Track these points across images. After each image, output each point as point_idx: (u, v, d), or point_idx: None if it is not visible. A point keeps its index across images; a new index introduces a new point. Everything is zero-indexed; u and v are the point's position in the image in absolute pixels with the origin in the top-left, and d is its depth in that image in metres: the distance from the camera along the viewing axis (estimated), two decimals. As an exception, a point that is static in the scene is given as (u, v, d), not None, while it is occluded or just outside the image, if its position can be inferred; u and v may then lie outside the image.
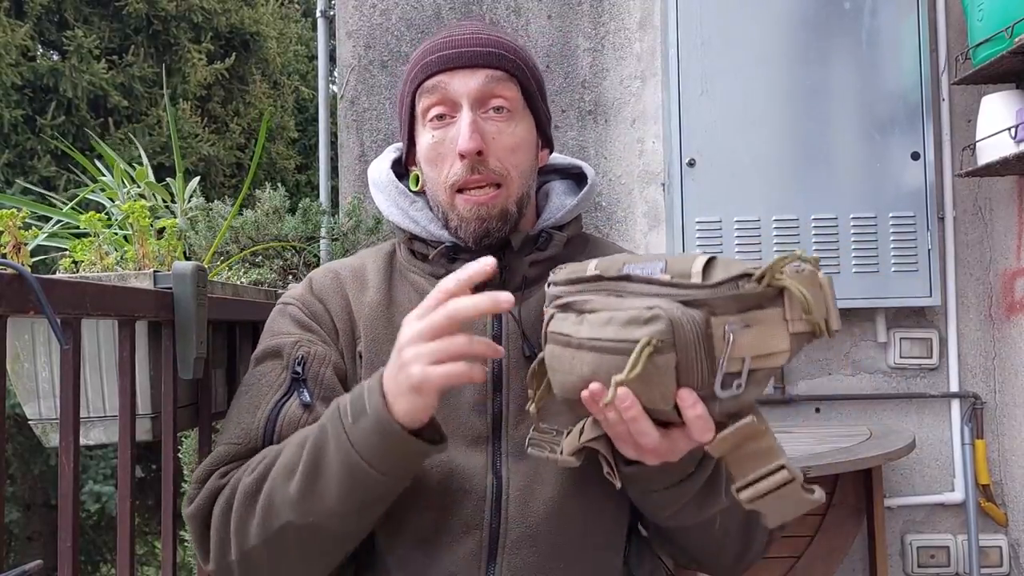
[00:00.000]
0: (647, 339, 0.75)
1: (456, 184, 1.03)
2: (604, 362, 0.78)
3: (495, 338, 1.04)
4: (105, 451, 5.74)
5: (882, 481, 2.50)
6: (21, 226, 1.08)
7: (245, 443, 0.99)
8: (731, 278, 0.77)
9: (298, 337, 1.05)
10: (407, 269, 1.12)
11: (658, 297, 0.78)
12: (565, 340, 0.82)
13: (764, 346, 0.76)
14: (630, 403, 0.77)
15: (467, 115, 1.02)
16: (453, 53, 1.04)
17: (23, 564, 0.86)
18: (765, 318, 0.76)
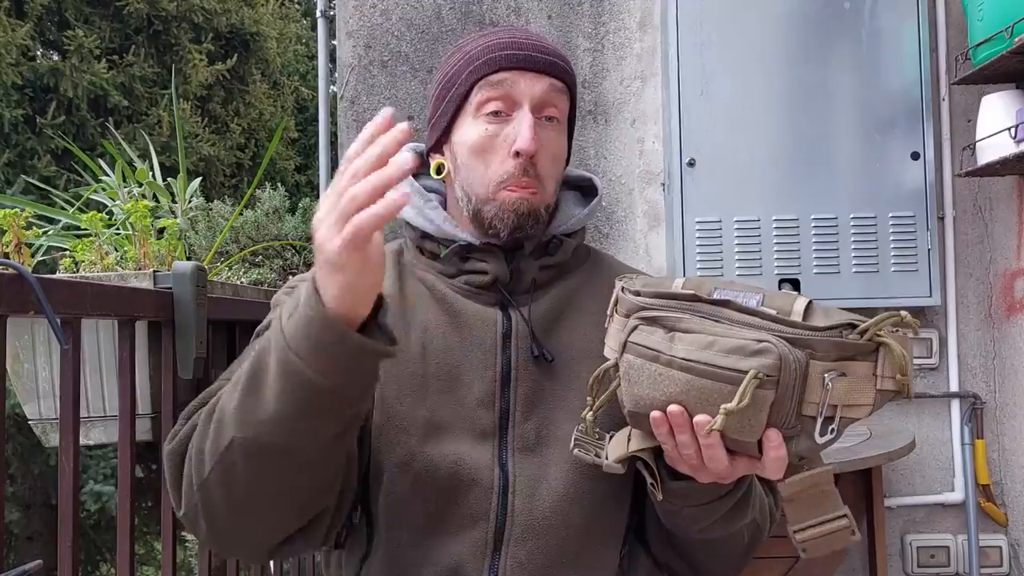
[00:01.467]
0: (755, 371, 0.76)
1: (505, 182, 1.04)
2: (696, 385, 0.79)
3: (504, 337, 1.06)
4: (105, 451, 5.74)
5: (882, 481, 2.50)
6: (23, 226, 1.08)
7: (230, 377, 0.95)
8: (837, 326, 0.80)
9: None
10: (416, 267, 1.13)
11: (762, 330, 0.79)
12: (653, 355, 0.82)
13: (851, 398, 0.79)
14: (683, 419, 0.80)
15: (528, 117, 1.04)
16: (524, 55, 1.06)
17: (23, 564, 0.86)
18: (857, 370, 0.79)
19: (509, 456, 1.02)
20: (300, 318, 0.78)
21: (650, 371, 0.81)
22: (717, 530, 0.98)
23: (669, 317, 0.83)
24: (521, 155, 1.03)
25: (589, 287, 1.13)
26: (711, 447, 0.80)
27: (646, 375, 0.82)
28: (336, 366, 0.78)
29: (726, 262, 2.72)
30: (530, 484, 1.01)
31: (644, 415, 0.83)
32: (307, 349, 0.77)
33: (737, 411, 0.76)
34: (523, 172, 1.04)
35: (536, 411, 1.03)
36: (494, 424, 1.03)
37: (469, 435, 1.02)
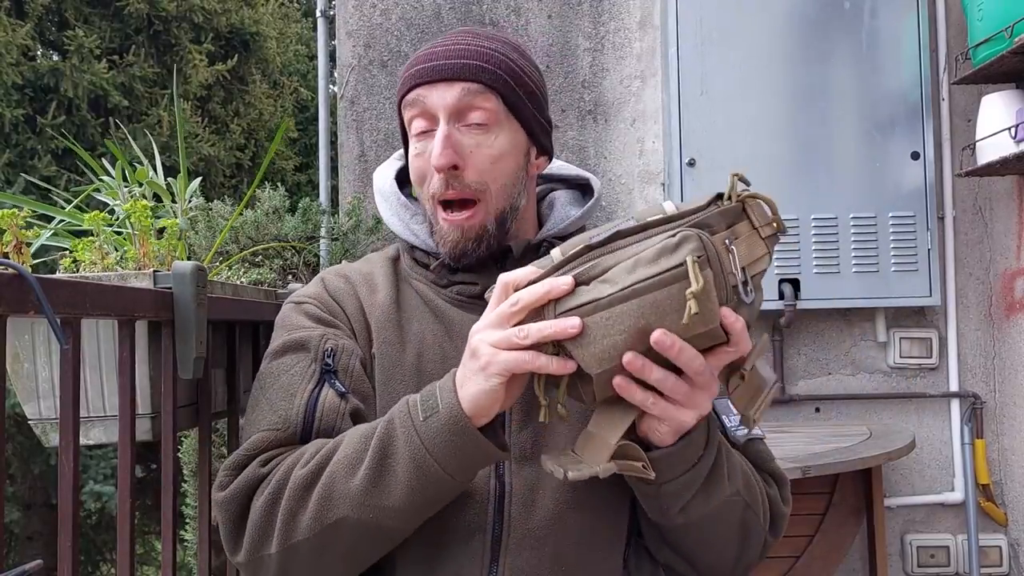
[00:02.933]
0: (694, 257, 0.77)
1: (434, 196, 1.04)
2: (648, 302, 0.78)
3: None
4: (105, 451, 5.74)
5: (882, 481, 2.50)
6: (23, 225, 1.08)
7: (284, 428, 0.97)
8: (712, 200, 0.84)
9: (323, 331, 1.04)
10: (411, 276, 1.13)
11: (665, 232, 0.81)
12: (591, 307, 0.80)
13: (751, 254, 0.84)
14: (671, 340, 0.79)
15: (442, 129, 1.02)
16: (429, 67, 1.04)
17: (23, 564, 0.86)
18: (743, 230, 0.84)
19: (506, 466, 1.01)
20: (442, 426, 0.86)
21: (598, 322, 0.80)
22: (698, 506, 0.95)
23: (580, 272, 0.82)
24: (440, 170, 1.01)
25: None
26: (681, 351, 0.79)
27: (596, 328, 0.80)
28: (471, 466, 0.89)
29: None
30: (527, 493, 1.00)
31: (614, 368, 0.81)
32: (447, 455, 0.87)
33: (701, 292, 0.76)
34: (446, 185, 1.02)
35: (531, 420, 1.02)
36: None
37: None
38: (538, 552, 0.99)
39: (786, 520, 1.08)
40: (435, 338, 1.06)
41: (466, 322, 1.06)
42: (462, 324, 1.06)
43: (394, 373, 1.05)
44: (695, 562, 1.06)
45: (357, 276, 1.13)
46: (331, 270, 1.16)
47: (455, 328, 1.06)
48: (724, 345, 0.83)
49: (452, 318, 1.07)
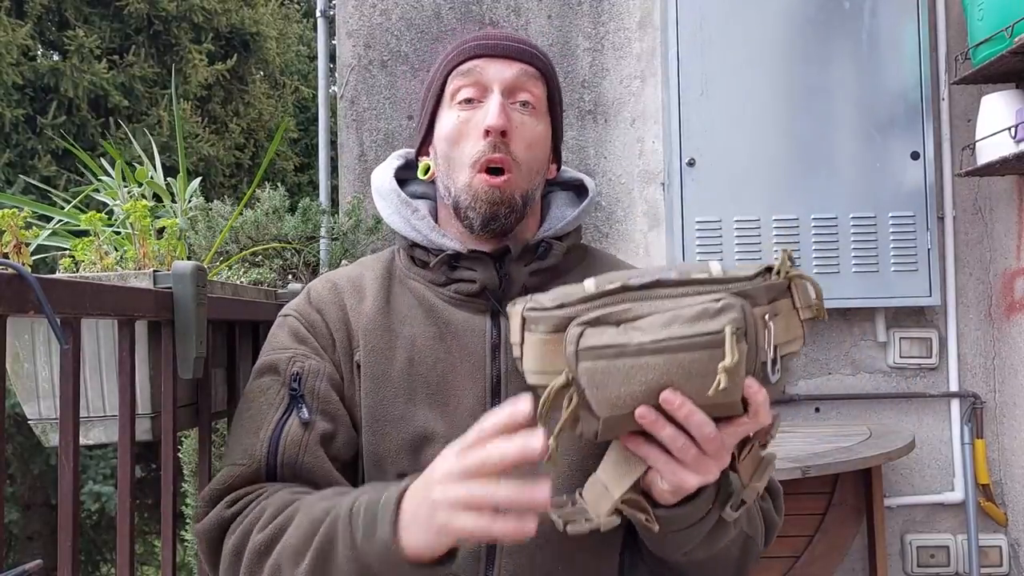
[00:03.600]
0: (732, 328, 0.75)
1: (478, 161, 1.04)
2: (676, 362, 0.76)
3: (494, 346, 1.05)
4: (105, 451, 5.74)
5: (882, 481, 2.50)
6: (22, 226, 1.08)
7: (249, 464, 1.00)
8: (760, 271, 0.81)
9: (292, 352, 1.06)
10: (406, 276, 1.12)
11: (707, 293, 0.79)
12: (616, 351, 0.77)
13: (788, 333, 0.82)
14: (681, 401, 0.77)
15: (497, 97, 1.05)
16: (492, 43, 1.08)
17: (23, 564, 0.86)
18: (783, 308, 0.82)
19: None
20: (380, 554, 0.84)
21: (619, 367, 0.77)
22: (701, 552, 0.95)
23: (612, 313, 0.79)
24: (491, 132, 1.03)
25: None
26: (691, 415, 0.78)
27: (615, 373, 0.77)
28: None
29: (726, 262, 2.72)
30: None
31: (624, 416, 0.79)
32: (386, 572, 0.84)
33: (733, 368, 0.74)
34: (494, 148, 1.03)
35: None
36: None
37: None
38: (534, 555, 0.99)
39: (778, 528, 1.08)
40: (427, 340, 1.06)
41: (462, 321, 1.06)
42: (458, 324, 1.06)
43: (383, 380, 1.05)
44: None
45: (345, 283, 1.13)
46: (320, 279, 1.16)
47: (450, 328, 1.06)
48: (742, 416, 0.81)
49: (448, 318, 1.07)
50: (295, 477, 1.01)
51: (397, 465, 1.03)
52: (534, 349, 0.83)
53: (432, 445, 1.02)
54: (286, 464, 1.00)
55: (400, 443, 1.03)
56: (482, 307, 1.07)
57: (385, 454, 1.03)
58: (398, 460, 1.03)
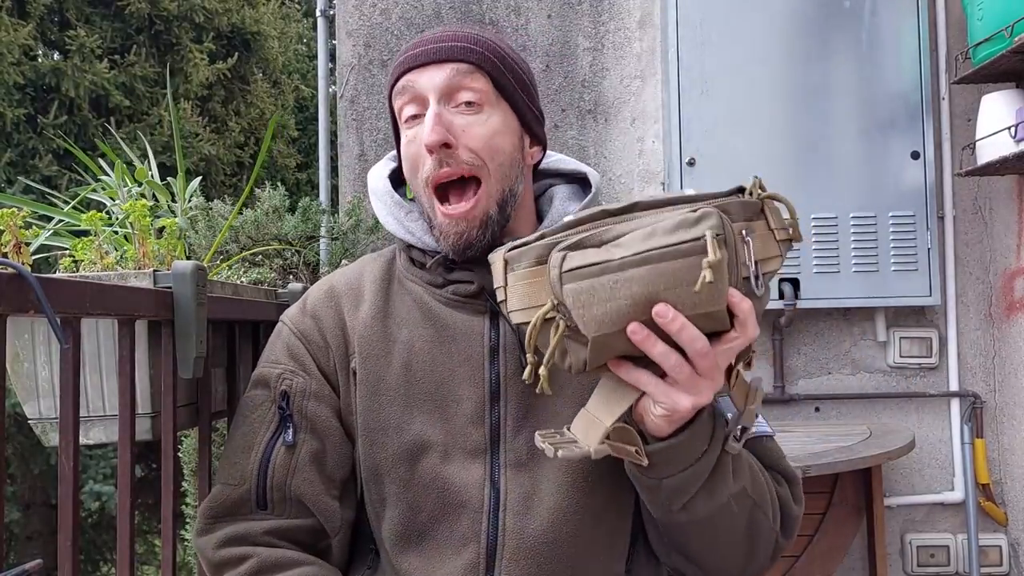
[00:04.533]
0: (711, 232, 0.76)
1: (430, 179, 1.01)
2: (660, 271, 0.76)
3: (492, 349, 1.04)
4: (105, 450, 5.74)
5: (882, 480, 2.50)
6: (22, 225, 1.08)
7: (240, 484, 1.05)
8: (734, 190, 0.83)
9: (282, 369, 1.08)
10: (405, 277, 1.11)
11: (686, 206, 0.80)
12: (600, 268, 0.77)
13: (765, 251, 0.83)
14: (673, 315, 0.77)
15: (432, 108, 1.01)
16: (419, 51, 1.04)
17: (23, 563, 0.86)
18: (759, 227, 0.83)
19: (501, 473, 1.00)
20: None
21: (604, 284, 0.77)
22: (701, 504, 0.92)
23: (592, 235, 0.79)
24: (432, 150, 1.00)
25: None
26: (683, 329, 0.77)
27: (601, 290, 0.77)
28: None
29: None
30: (522, 501, 0.99)
31: (613, 335, 0.79)
32: None
33: (717, 263, 0.74)
34: (439, 164, 1.00)
35: (527, 425, 1.01)
36: (485, 441, 1.02)
37: (460, 453, 1.01)
38: (534, 561, 0.98)
39: (798, 521, 1.05)
40: (424, 344, 1.05)
41: (461, 323, 1.05)
42: (455, 326, 1.05)
43: (379, 387, 1.05)
44: (704, 564, 1.02)
45: (343, 287, 1.12)
46: (318, 284, 1.17)
47: (448, 331, 1.05)
48: (731, 331, 0.81)
49: (446, 320, 1.06)
50: (284, 499, 1.04)
51: (394, 475, 1.02)
52: (518, 285, 0.82)
53: (428, 454, 1.02)
54: (275, 487, 1.04)
55: (396, 452, 1.03)
56: (480, 308, 1.06)
57: (381, 463, 1.03)
58: (395, 470, 1.03)
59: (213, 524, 1.05)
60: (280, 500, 1.04)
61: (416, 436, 1.02)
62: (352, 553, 1.11)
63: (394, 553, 1.03)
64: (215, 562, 1.03)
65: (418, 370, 1.04)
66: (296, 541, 1.04)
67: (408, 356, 1.05)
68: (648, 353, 0.80)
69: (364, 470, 1.05)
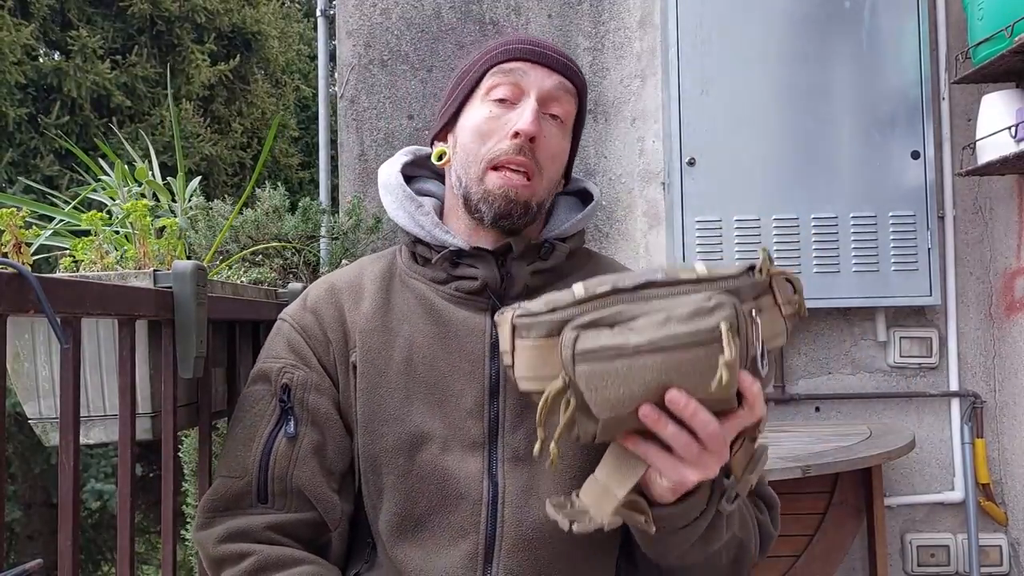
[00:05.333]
0: (726, 323, 0.77)
1: (496, 160, 1.05)
2: (673, 361, 0.78)
3: (493, 346, 1.05)
4: (106, 449, 5.75)
5: (882, 480, 2.50)
6: (22, 225, 1.08)
7: (241, 476, 1.05)
8: (745, 270, 0.83)
9: (283, 363, 1.09)
10: (407, 275, 1.12)
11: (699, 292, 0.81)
12: (613, 352, 0.78)
13: (772, 329, 0.83)
14: (686, 401, 0.79)
15: (533, 103, 1.05)
16: (538, 50, 1.08)
17: (23, 563, 0.86)
18: (767, 305, 0.83)
19: (499, 467, 1.02)
20: None
21: (617, 369, 0.78)
22: (695, 554, 0.96)
23: (605, 315, 0.80)
24: (520, 136, 1.03)
25: None
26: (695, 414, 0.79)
27: (614, 375, 0.78)
28: None
29: (726, 261, 2.72)
30: (520, 495, 1.00)
31: (624, 416, 0.80)
32: None
33: (733, 361, 0.76)
34: (519, 151, 1.04)
35: (526, 420, 1.02)
36: (484, 435, 1.03)
37: (459, 447, 1.02)
38: (532, 554, 0.99)
39: (773, 541, 1.09)
40: (426, 339, 1.06)
41: (462, 320, 1.06)
42: (458, 322, 1.06)
43: (379, 380, 1.05)
44: None
45: (343, 284, 1.14)
46: (318, 282, 1.18)
47: (450, 327, 1.06)
48: (738, 409, 0.83)
49: (448, 317, 1.07)
50: (285, 491, 1.04)
51: (392, 465, 1.03)
52: (527, 355, 0.83)
53: (428, 445, 1.03)
54: (276, 479, 1.04)
55: (395, 443, 1.03)
56: (483, 305, 1.07)
57: (380, 454, 1.04)
58: (393, 460, 1.03)
59: (213, 518, 1.05)
60: (281, 492, 1.04)
61: (415, 427, 1.03)
62: (350, 549, 1.11)
63: (391, 544, 1.03)
64: (215, 557, 1.02)
65: (419, 364, 1.05)
66: (296, 536, 1.04)
67: (409, 351, 1.06)
68: (659, 434, 0.82)
69: (362, 461, 1.05)
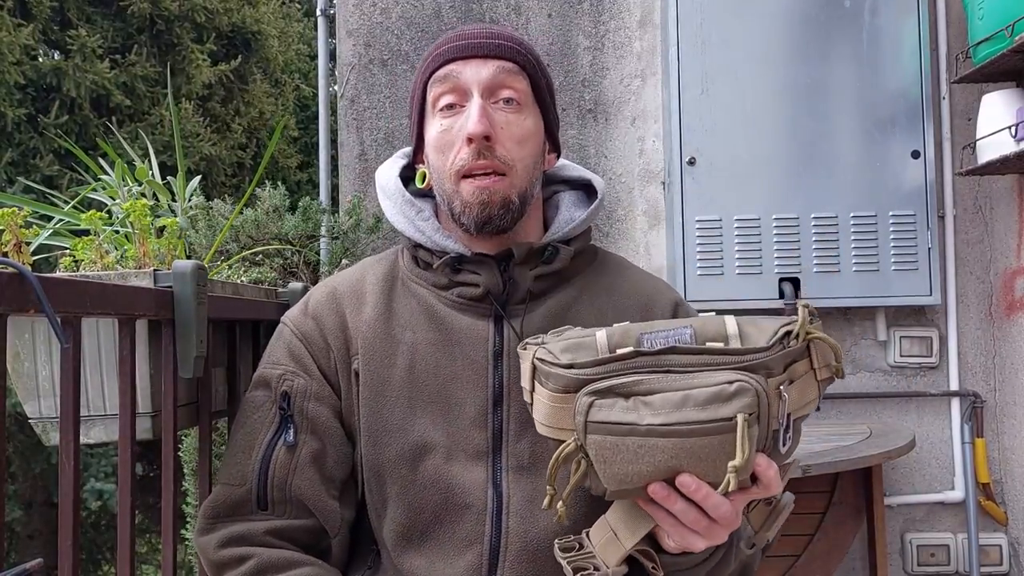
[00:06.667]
0: (743, 415, 0.74)
1: (462, 170, 1.03)
2: (686, 447, 0.76)
3: (496, 354, 1.04)
4: (106, 449, 5.75)
5: (882, 479, 2.50)
6: (22, 225, 1.08)
7: (241, 484, 1.04)
8: (778, 339, 0.79)
9: (283, 370, 1.08)
10: (409, 279, 1.11)
11: (722, 368, 0.78)
12: (626, 429, 0.77)
13: (803, 398, 0.80)
14: (697, 485, 0.78)
15: (477, 101, 1.03)
16: (465, 43, 1.06)
17: (24, 562, 0.86)
18: (800, 371, 0.80)
19: (503, 476, 1.01)
20: None
21: (628, 446, 0.77)
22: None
23: (622, 384, 0.79)
24: (473, 140, 1.01)
25: (588, 296, 1.10)
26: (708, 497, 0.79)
27: (624, 451, 0.77)
28: None
29: (726, 261, 2.72)
30: (525, 504, 1.00)
31: (634, 490, 0.80)
32: None
33: (743, 466, 0.74)
34: (477, 155, 1.02)
35: (530, 429, 0.99)
36: (487, 444, 1.02)
37: (462, 456, 1.02)
38: (537, 565, 0.99)
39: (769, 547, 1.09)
40: (428, 347, 1.05)
41: (465, 327, 1.05)
42: (461, 330, 1.05)
43: (382, 388, 1.05)
44: None
45: (345, 289, 1.12)
46: (320, 285, 1.17)
47: (453, 335, 1.05)
48: (752, 488, 0.82)
49: (450, 323, 1.06)
50: (284, 499, 1.04)
51: (396, 475, 1.03)
52: (545, 406, 0.83)
53: (431, 455, 1.02)
54: (276, 487, 1.04)
55: (399, 453, 1.03)
56: (485, 312, 1.06)
57: (384, 464, 1.03)
58: (397, 470, 1.03)
59: (214, 524, 1.05)
60: (280, 500, 1.04)
61: (419, 437, 1.03)
62: (353, 553, 1.11)
63: (396, 553, 1.03)
64: (216, 562, 1.03)
65: (422, 372, 1.05)
66: (296, 541, 1.04)
67: (412, 358, 1.05)
68: (668, 509, 0.81)
69: (366, 470, 1.05)
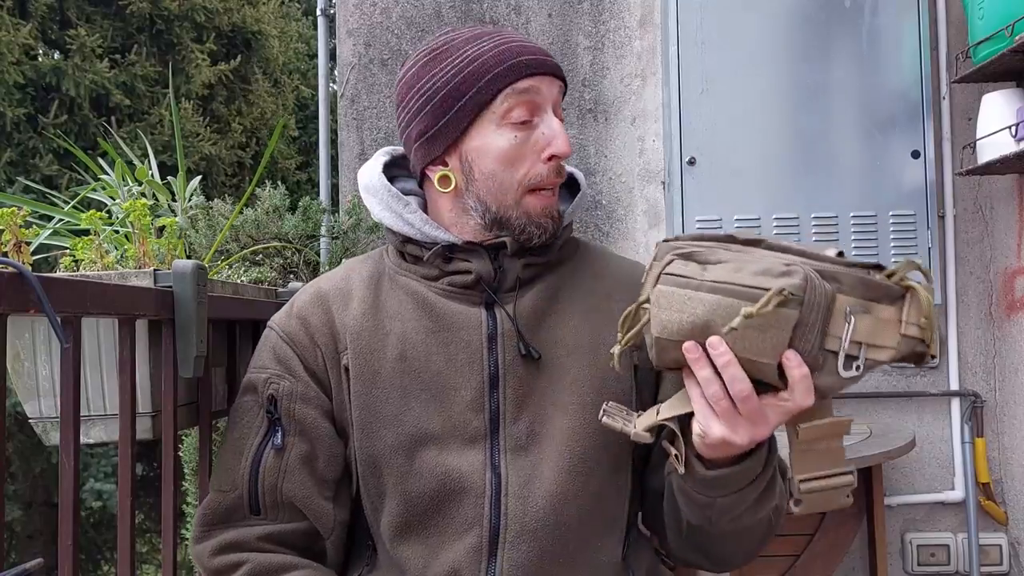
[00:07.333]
0: (780, 288, 0.78)
1: (537, 184, 1.05)
2: (723, 304, 0.80)
3: (490, 337, 1.05)
4: (106, 449, 5.75)
5: (882, 479, 2.50)
6: (22, 225, 1.08)
7: (232, 490, 1.06)
8: (863, 264, 0.82)
9: (269, 374, 1.08)
10: (396, 273, 1.12)
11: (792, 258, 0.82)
12: (684, 281, 0.83)
13: (876, 337, 0.81)
14: (723, 349, 0.81)
15: (556, 121, 1.06)
16: (541, 60, 1.06)
17: (24, 562, 0.86)
18: (882, 312, 0.81)
19: (501, 457, 1.02)
20: None
21: (680, 295, 0.83)
22: (747, 518, 0.98)
23: (703, 251, 0.85)
24: (556, 158, 1.05)
25: (575, 281, 1.12)
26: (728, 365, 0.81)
27: (675, 299, 0.83)
28: None
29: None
30: (523, 484, 1.01)
31: (672, 342, 0.84)
32: None
33: (757, 315, 0.77)
34: (556, 172, 1.06)
35: (526, 410, 1.03)
36: (484, 427, 1.03)
37: (459, 441, 1.02)
38: (536, 544, 0.99)
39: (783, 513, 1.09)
40: (420, 335, 1.06)
41: (457, 313, 1.06)
42: (453, 316, 1.06)
43: (374, 380, 1.05)
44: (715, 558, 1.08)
45: (330, 288, 1.13)
46: (304, 289, 1.17)
47: (444, 321, 1.06)
48: (783, 391, 0.83)
49: (442, 310, 1.06)
50: (276, 503, 1.04)
51: (392, 466, 1.03)
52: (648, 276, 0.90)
53: (427, 443, 1.03)
54: (267, 492, 1.04)
55: (394, 443, 1.03)
56: (476, 299, 1.07)
57: (379, 455, 1.04)
58: (393, 461, 1.03)
59: (208, 531, 1.06)
60: (272, 504, 1.05)
61: (414, 426, 1.03)
62: (349, 553, 1.11)
63: (393, 545, 1.03)
64: (211, 569, 1.04)
65: (414, 360, 1.05)
66: (290, 545, 1.05)
67: (403, 347, 1.06)
68: (695, 372, 0.84)
69: (361, 463, 1.05)
